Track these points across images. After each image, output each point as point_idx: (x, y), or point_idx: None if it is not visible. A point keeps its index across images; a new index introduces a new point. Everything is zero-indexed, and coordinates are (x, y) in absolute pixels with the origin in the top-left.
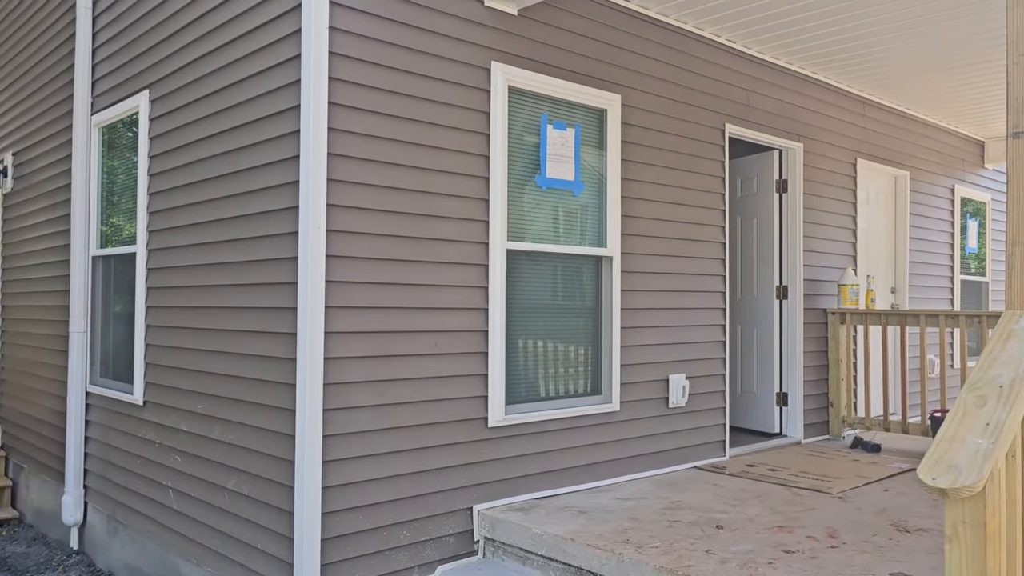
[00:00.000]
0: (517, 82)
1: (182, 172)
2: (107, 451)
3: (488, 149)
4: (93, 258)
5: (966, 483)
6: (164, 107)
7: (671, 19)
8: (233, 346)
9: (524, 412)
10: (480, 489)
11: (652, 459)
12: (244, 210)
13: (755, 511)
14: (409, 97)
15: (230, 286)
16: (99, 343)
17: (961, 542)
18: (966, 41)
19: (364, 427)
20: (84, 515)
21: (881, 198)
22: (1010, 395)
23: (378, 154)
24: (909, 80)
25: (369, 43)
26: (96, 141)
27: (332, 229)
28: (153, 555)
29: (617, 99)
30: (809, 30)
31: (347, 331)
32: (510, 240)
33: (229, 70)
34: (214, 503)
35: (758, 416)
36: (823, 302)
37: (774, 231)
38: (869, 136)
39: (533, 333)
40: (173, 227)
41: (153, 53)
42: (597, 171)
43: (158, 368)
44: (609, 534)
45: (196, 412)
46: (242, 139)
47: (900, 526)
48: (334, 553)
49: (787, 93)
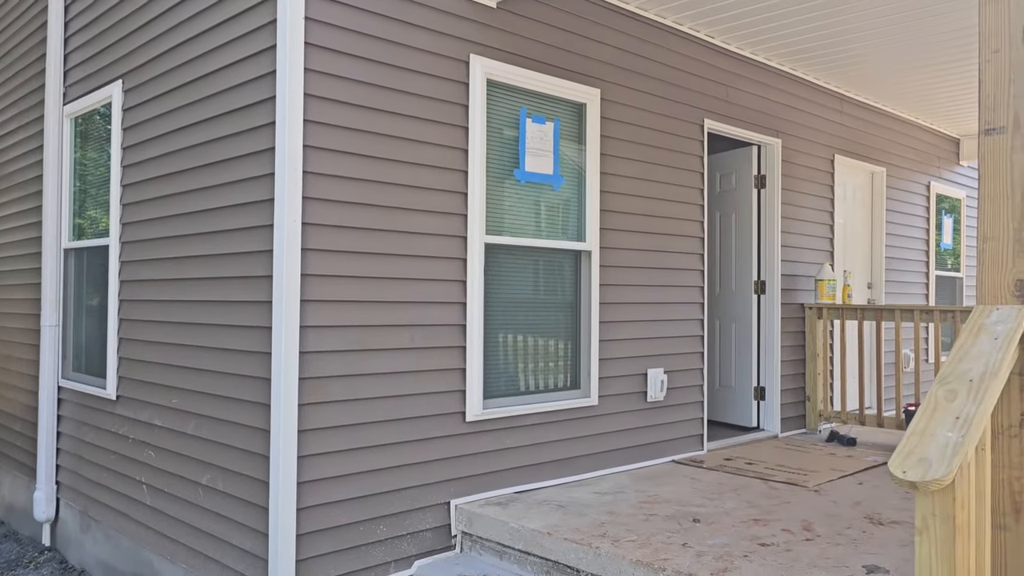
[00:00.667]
0: (496, 75)
1: (155, 164)
2: (80, 446)
3: (467, 142)
4: (65, 250)
5: (936, 476)
6: (137, 97)
7: (650, 14)
8: (208, 340)
9: (502, 406)
10: (458, 484)
11: (630, 453)
12: (218, 202)
13: (732, 504)
14: (387, 89)
15: (204, 279)
16: (71, 337)
17: (931, 534)
18: (943, 38)
19: (340, 422)
20: (56, 511)
21: (858, 194)
22: (980, 389)
23: (355, 147)
24: (886, 77)
25: (346, 34)
26: (68, 132)
27: (308, 222)
28: (126, 551)
29: (596, 93)
30: (787, 26)
31: (323, 325)
32: (489, 234)
33: (204, 60)
34: (188, 499)
35: (736, 410)
36: (801, 297)
37: (752, 226)
38: (847, 132)
39: (512, 327)
40: (146, 219)
41: (127, 42)
42: (576, 165)
43: (132, 362)
44: (586, 528)
45: (170, 407)
46: (217, 130)
47: (874, 519)
48: (310, 548)
49: (766, 89)
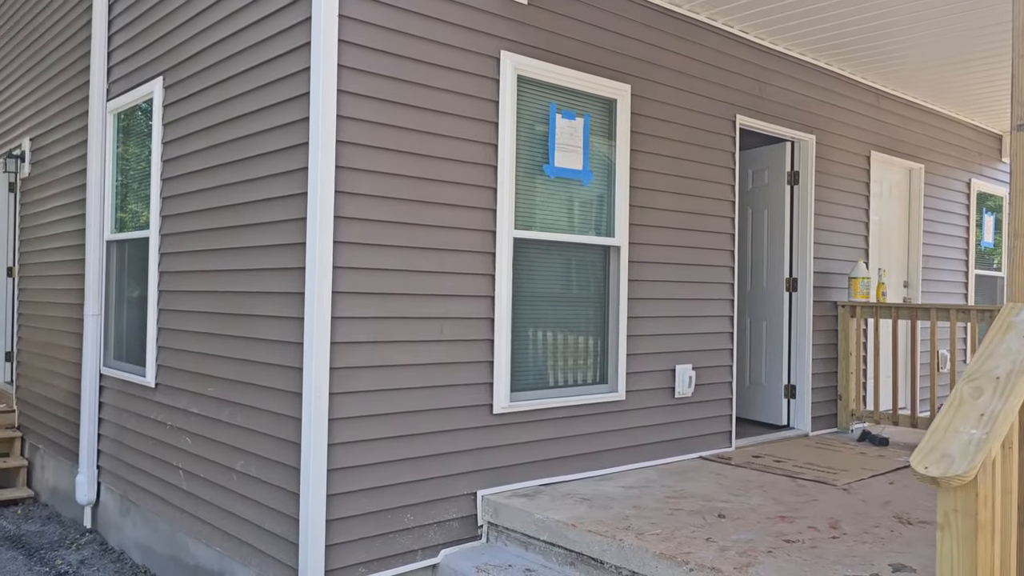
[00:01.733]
0: (526, 71)
1: (194, 158)
2: (120, 432)
3: (496, 138)
4: (107, 242)
5: (957, 472)
6: (178, 93)
7: (683, 9)
8: (242, 330)
9: (529, 399)
10: (485, 475)
11: (657, 448)
12: (253, 196)
13: (758, 501)
14: (418, 85)
15: (239, 271)
16: (113, 326)
17: (953, 530)
18: (986, 32)
19: (369, 411)
20: (97, 495)
21: (895, 191)
22: (1006, 386)
23: (386, 141)
24: (924, 72)
25: (378, 31)
26: (111, 127)
27: (340, 215)
28: (163, 534)
29: (627, 89)
30: (822, 21)
31: (354, 316)
32: (517, 228)
33: (241, 57)
34: (223, 484)
35: (766, 408)
36: (833, 295)
37: (785, 223)
38: (883, 128)
39: (539, 321)
40: (185, 212)
41: (168, 40)
42: (606, 161)
43: (170, 351)
44: (611, 521)
45: (206, 395)
46: (252, 126)
47: (903, 518)
48: (339, 534)
49: (800, 84)
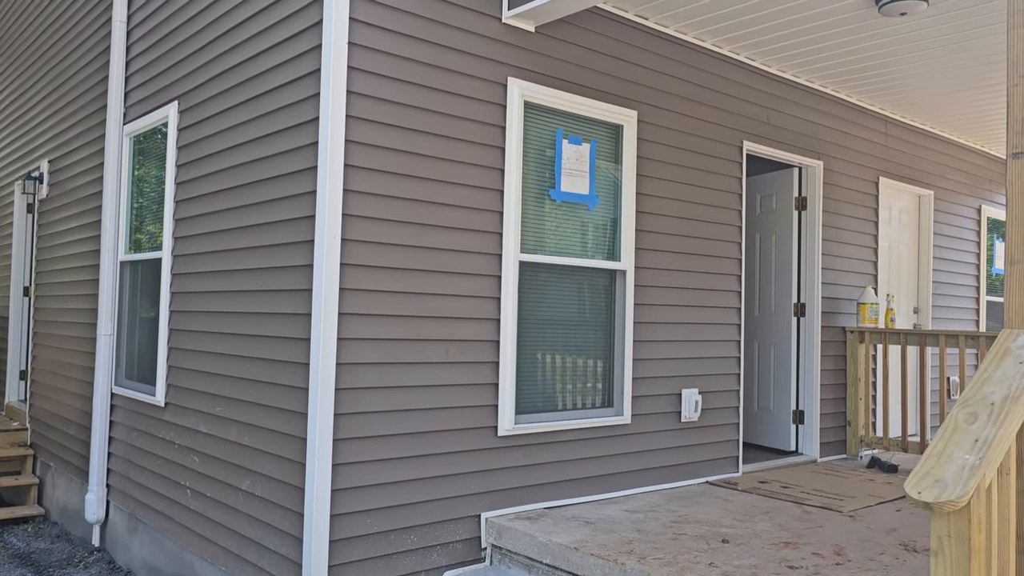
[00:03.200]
0: (533, 97)
1: (206, 181)
2: (130, 451)
3: (503, 163)
4: (121, 263)
5: (950, 497)
6: (191, 118)
7: (689, 37)
8: (250, 350)
9: (534, 422)
10: (488, 497)
11: (663, 473)
12: (263, 219)
13: (763, 527)
14: (426, 111)
15: (247, 291)
16: (124, 346)
17: (946, 556)
18: (990, 59)
19: (374, 432)
20: (106, 513)
21: (904, 217)
22: (1001, 412)
23: (394, 166)
24: (932, 99)
25: (387, 58)
26: (127, 150)
27: (347, 238)
28: (170, 553)
29: (633, 115)
30: (828, 48)
31: (360, 337)
32: (523, 252)
33: (253, 83)
34: (229, 503)
35: (774, 433)
36: (842, 320)
37: (793, 248)
38: (891, 155)
39: (545, 344)
40: (197, 234)
41: (183, 66)
42: (612, 186)
43: (180, 371)
44: (614, 544)
45: (214, 414)
46: (263, 150)
47: (909, 546)
48: (342, 555)
49: (807, 111)
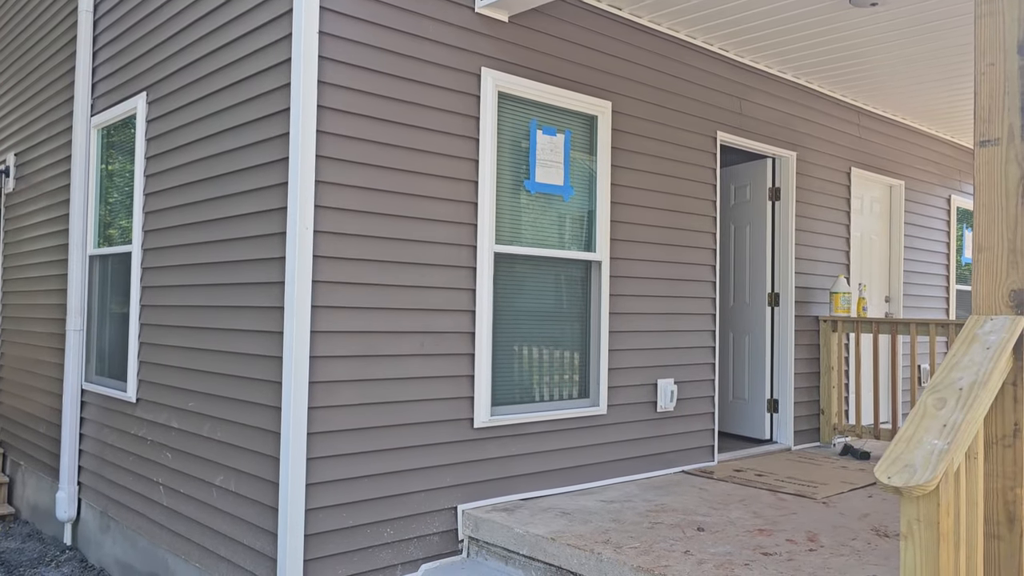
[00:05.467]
0: (507, 88)
1: (176, 173)
2: (101, 448)
3: (477, 153)
4: (90, 257)
5: (919, 482)
6: (160, 109)
7: (663, 27)
8: (223, 344)
9: (510, 413)
10: (465, 489)
11: (639, 463)
12: (234, 211)
13: (737, 514)
14: (398, 101)
15: (220, 285)
16: (95, 341)
17: (915, 540)
18: (961, 50)
19: (349, 425)
20: (78, 511)
21: (876, 207)
22: (968, 398)
23: (367, 157)
24: (902, 90)
25: (359, 48)
26: (95, 142)
27: (320, 230)
28: (143, 551)
29: (608, 106)
30: (801, 39)
31: (333, 330)
32: (498, 243)
33: (222, 73)
34: (202, 499)
35: (749, 422)
36: (815, 310)
37: (767, 238)
38: (864, 145)
39: (521, 335)
40: (167, 227)
41: (151, 56)
42: (587, 176)
43: (151, 366)
44: (590, 535)
45: (187, 409)
46: (234, 141)
47: (880, 531)
48: (318, 549)
49: (780, 102)
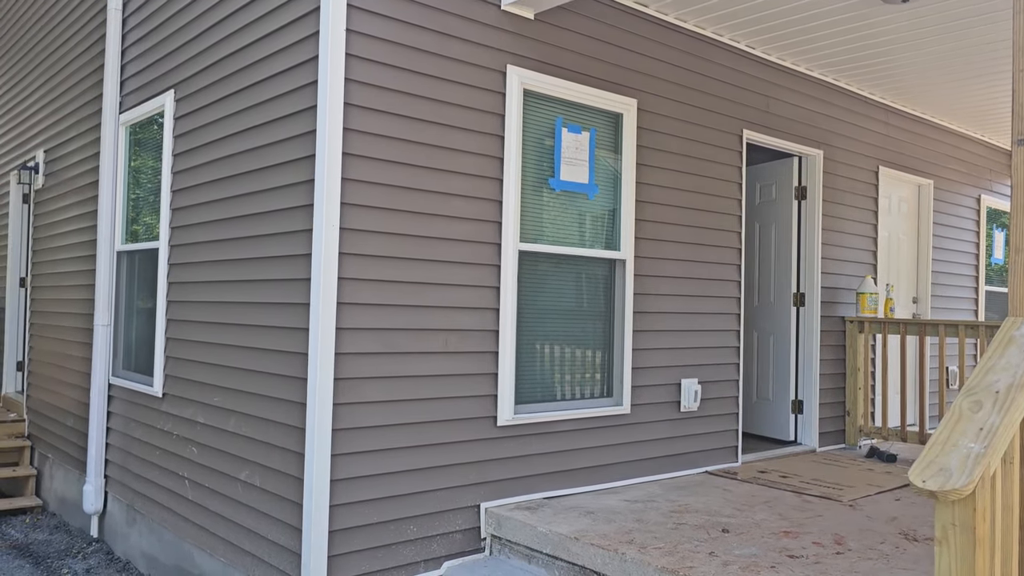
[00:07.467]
0: (532, 85)
1: (203, 170)
2: (127, 442)
3: (502, 151)
4: (118, 253)
5: (955, 486)
6: (188, 106)
7: (689, 24)
8: (248, 340)
9: (534, 412)
10: (488, 487)
11: (662, 463)
12: (261, 208)
13: (762, 516)
14: (424, 99)
15: (246, 282)
16: (122, 336)
17: (950, 545)
18: (990, 47)
19: (373, 422)
20: (104, 504)
21: (904, 207)
22: (1006, 400)
23: (392, 154)
24: (932, 88)
25: (386, 45)
26: (123, 139)
27: (345, 227)
28: (169, 544)
29: (633, 103)
30: (829, 36)
31: (358, 327)
32: (523, 241)
33: (250, 71)
34: (227, 494)
35: (773, 423)
36: (841, 310)
37: (792, 238)
38: (892, 144)
39: (544, 334)
40: (194, 224)
41: (179, 54)
42: (612, 175)
43: (177, 361)
44: (614, 534)
45: (212, 404)
46: (261, 138)
47: (909, 535)
48: (341, 545)
49: (807, 100)
